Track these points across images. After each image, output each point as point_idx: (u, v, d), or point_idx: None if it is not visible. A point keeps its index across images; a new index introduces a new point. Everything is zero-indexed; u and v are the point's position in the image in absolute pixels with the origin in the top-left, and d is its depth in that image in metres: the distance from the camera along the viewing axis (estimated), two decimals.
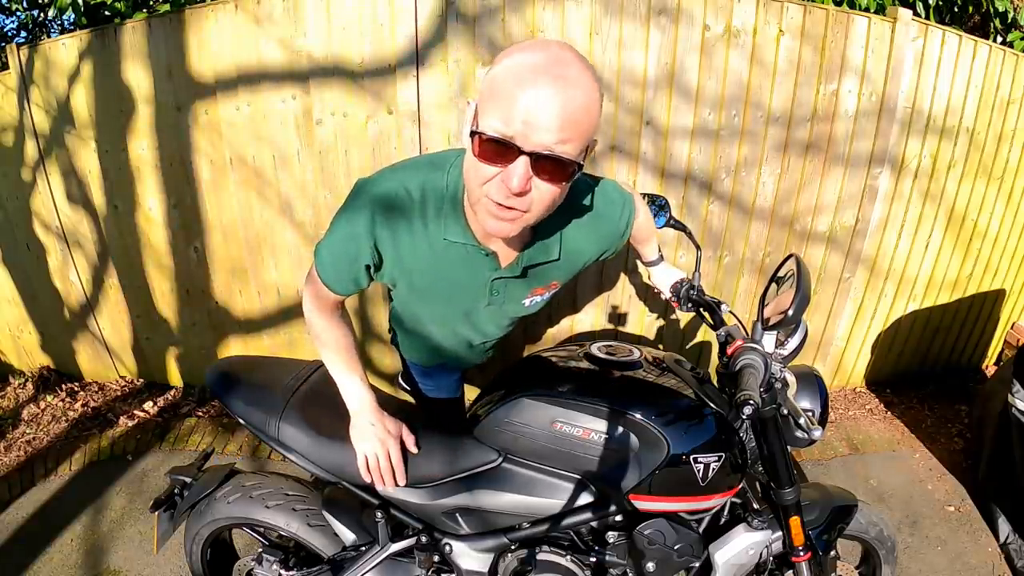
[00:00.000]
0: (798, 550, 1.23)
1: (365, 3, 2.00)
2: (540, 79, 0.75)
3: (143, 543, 1.99)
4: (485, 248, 1.00)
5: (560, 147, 0.78)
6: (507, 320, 1.28)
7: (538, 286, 1.14)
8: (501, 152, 0.78)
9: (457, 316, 1.22)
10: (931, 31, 2.28)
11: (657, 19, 2.06)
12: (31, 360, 3.04)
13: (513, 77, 0.76)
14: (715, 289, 2.49)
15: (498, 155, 0.79)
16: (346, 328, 1.18)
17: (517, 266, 1.05)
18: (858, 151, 2.37)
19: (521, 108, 0.75)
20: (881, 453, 2.52)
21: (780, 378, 1.12)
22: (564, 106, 0.75)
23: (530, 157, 0.78)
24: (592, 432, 1.14)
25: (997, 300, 2.98)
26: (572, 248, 1.10)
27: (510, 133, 0.77)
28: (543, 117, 0.75)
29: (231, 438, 2.51)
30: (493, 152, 0.78)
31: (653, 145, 2.21)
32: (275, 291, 2.47)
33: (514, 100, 0.75)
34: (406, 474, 1.16)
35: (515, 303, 1.17)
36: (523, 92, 0.75)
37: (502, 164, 0.79)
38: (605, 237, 1.14)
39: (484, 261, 1.03)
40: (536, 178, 0.80)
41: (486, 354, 1.47)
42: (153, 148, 2.30)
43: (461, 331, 1.28)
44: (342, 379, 1.17)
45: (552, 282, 1.16)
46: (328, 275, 1.09)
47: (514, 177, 0.78)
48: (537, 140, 0.77)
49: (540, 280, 1.13)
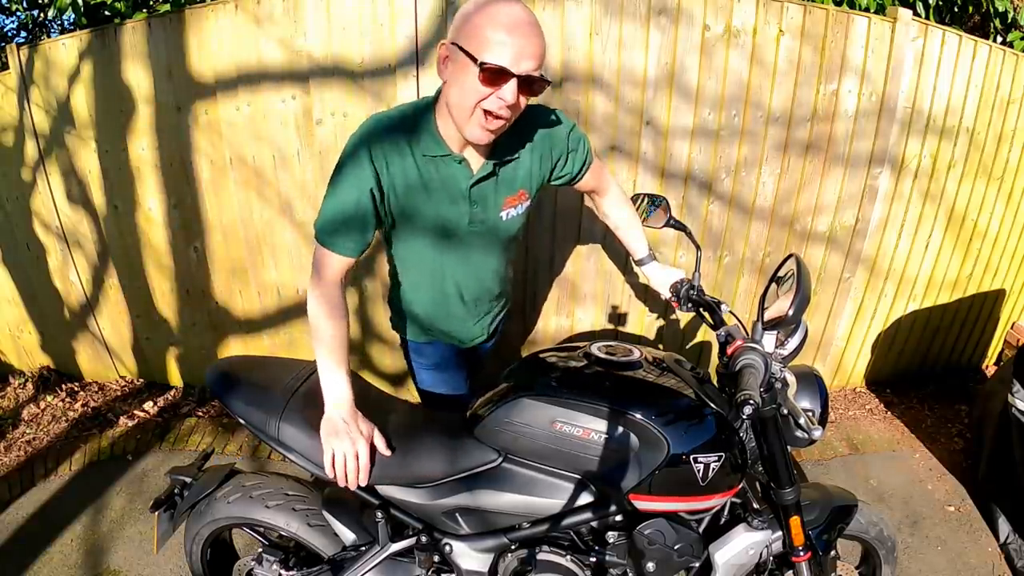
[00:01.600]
0: (798, 550, 1.24)
1: (365, 3, 2.00)
2: (522, 26, 1.05)
3: (143, 543, 1.99)
4: (459, 156, 1.21)
5: (536, 71, 1.09)
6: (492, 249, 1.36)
7: (508, 195, 1.30)
8: (498, 77, 1.06)
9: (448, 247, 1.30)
10: (931, 31, 2.28)
11: (657, 19, 2.06)
12: (31, 360, 3.04)
13: (501, 24, 1.04)
14: (715, 289, 2.49)
15: (495, 80, 1.06)
16: (344, 328, 1.20)
17: (488, 164, 1.24)
18: (858, 151, 2.38)
19: (512, 45, 1.04)
20: (881, 453, 2.52)
21: (780, 378, 1.12)
22: (537, 41, 1.07)
23: (519, 79, 1.07)
24: (592, 432, 1.14)
25: (997, 300, 2.98)
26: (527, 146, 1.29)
27: (506, 63, 1.05)
28: (527, 52, 1.06)
29: (231, 438, 2.51)
30: (493, 77, 1.06)
31: (653, 145, 2.21)
32: (275, 291, 2.47)
33: (503, 39, 1.04)
34: (370, 475, 1.17)
35: (493, 217, 1.30)
36: (511, 35, 1.04)
37: (496, 86, 1.07)
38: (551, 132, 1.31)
39: (458, 169, 1.22)
40: (520, 95, 1.10)
41: (480, 321, 1.48)
42: (153, 148, 2.30)
43: (452, 272, 1.35)
44: (328, 373, 1.18)
45: (520, 190, 1.31)
46: (334, 232, 1.17)
47: (509, 93, 1.07)
48: (523, 67, 1.06)
49: (509, 187, 1.29)
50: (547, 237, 2.30)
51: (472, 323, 1.47)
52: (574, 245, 2.33)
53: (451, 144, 1.20)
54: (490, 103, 1.08)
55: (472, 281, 1.38)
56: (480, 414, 1.23)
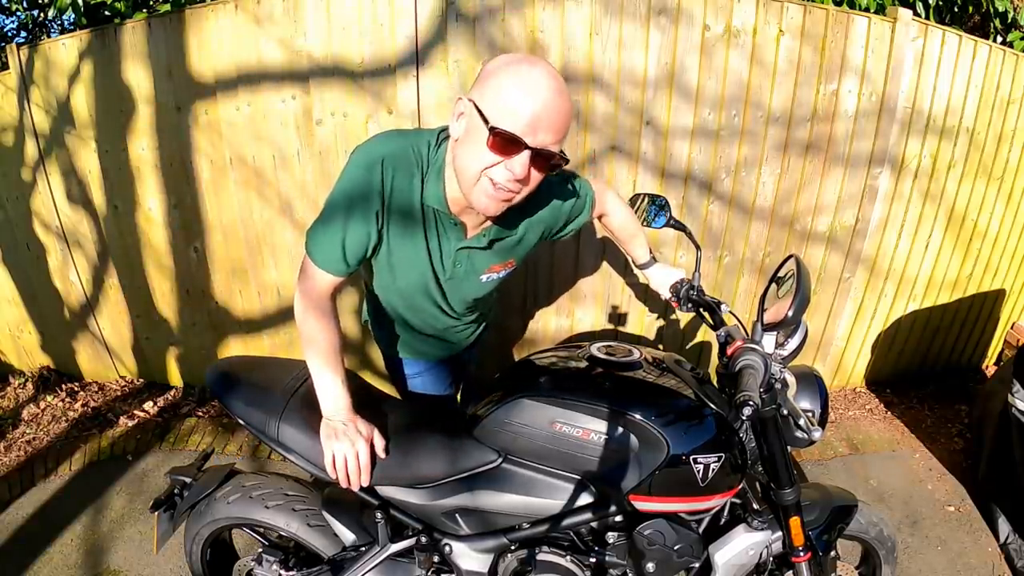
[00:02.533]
0: (798, 550, 1.24)
1: (365, 3, 2.00)
2: (546, 94, 0.95)
3: (143, 543, 1.99)
4: (455, 218, 1.15)
5: (553, 145, 0.99)
6: (464, 299, 1.32)
7: (496, 263, 1.25)
8: (509, 146, 0.97)
9: (422, 291, 1.27)
10: (931, 31, 2.28)
11: (657, 19, 2.06)
12: (31, 360, 3.04)
13: (521, 86, 0.95)
14: (715, 289, 2.49)
15: (506, 148, 0.97)
16: (335, 330, 1.18)
17: (484, 238, 1.19)
18: (858, 151, 2.37)
19: (530, 113, 0.95)
20: (881, 453, 2.52)
21: (780, 378, 1.12)
22: (560, 114, 0.98)
23: (532, 151, 0.97)
24: (592, 432, 1.14)
25: (997, 300, 2.98)
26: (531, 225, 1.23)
27: (519, 132, 0.95)
28: (545, 122, 0.96)
29: (231, 438, 2.51)
30: (503, 145, 0.97)
31: (653, 145, 2.21)
32: (275, 291, 2.47)
33: (524, 106, 0.95)
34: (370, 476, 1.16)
35: (473, 278, 1.26)
36: (532, 100, 0.95)
37: (507, 155, 0.98)
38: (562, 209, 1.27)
39: (453, 230, 1.17)
40: (532, 168, 1.00)
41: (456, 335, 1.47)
42: (153, 148, 2.30)
43: (424, 309, 1.32)
44: (323, 380, 1.16)
45: (509, 260, 1.27)
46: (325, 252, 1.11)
47: (518, 166, 0.98)
48: (540, 139, 0.97)
49: (500, 257, 1.25)
50: None
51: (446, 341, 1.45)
52: (574, 245, 2.33)
53: (451, 203, 1.12)
54: (497, 173, 0.99)
55: (441, 317, 1.36)
56: (480, 414, 1.23)
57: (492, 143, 0.97)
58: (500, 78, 0.97)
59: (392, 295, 1.31)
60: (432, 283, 1.25)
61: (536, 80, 0.95)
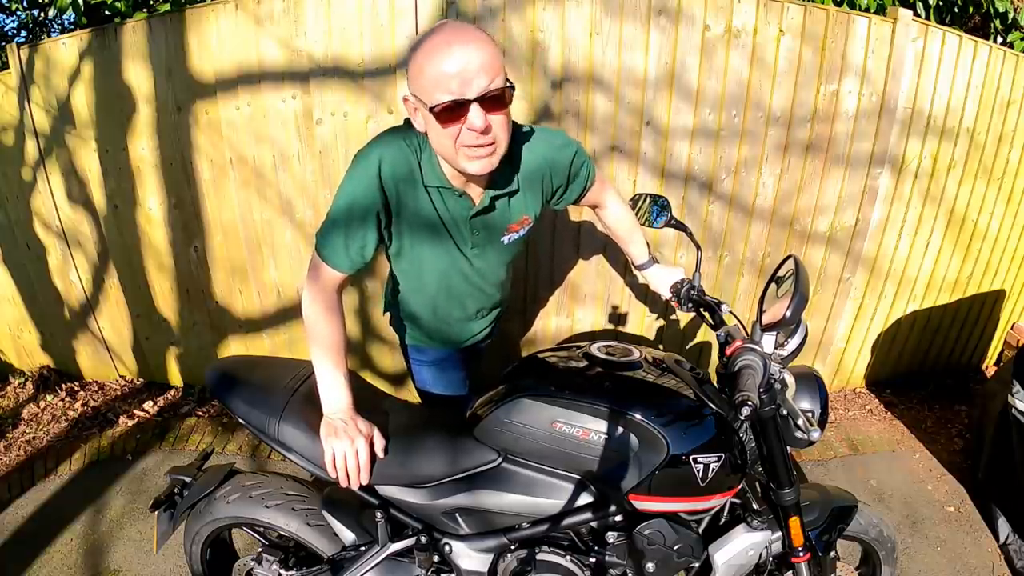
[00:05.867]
0: (798, 551, 1.24)
1: (365, 3, 2.00)
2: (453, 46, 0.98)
3: (143, 543, 1.99)
4: (459, 189, 1.19)
5: (492, 84, 1.01)
6: (495, 267, 1.35)
7: (511, 222, 1.28)
8: (456, 111, 1.01)
9: (452, 267, 1.30)
10: (931, 32, 2.28)
11: (657, 19, 2.06)
12: (31, 360, 3.04)
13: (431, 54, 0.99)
14: (715, 289, 2.49)
15: (455, 114, 1.01)
16: (341, 329, 1.20)
17: (486, 199, 1.22)
18: (858, 152, 2.37)
19: (452, 73, 0.98)
20: (881, 453, 2.52)
21: (779, 379, 1.12)
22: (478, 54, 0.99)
23: (477, 101, 1.00)
24: (592, 432, 1.14)
25: (997, 300, 2.98)
26: (525, 174, 1.25)
27: (454, 95, 0.99)
28: (470, 70, 0.98)
29: (231, 438, 2.51)
30: (450, 115, 1.01)
31: (653, 145, 2.21)
32: (275, 291, 2.47)
33: (443, 71, 0.98)
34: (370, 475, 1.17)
35: (495, 241, 1.29)
36: (445, 60, 0.98)
37: (460, 120, 1.02)
38: (553, 160, 1.27)
39: (459, 202, 1.21)
40: (489, 114, 1.03)
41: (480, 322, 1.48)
42: (153, 148, 2.30)
43: (454, 288, 1.35)
44: (327, 377, 1.17)
45: (524, 216, 1.29)
46: (333, 247, 1.15)
47: (476, 120, 1.01)
48: (476, 87, 0.99)
49: (512, 215, 1.27)
50: (547, 237, 2.30)
51: (472, 324, 1.48)
52: (574, 245, 2.33)
53: (451, 179, 1.18)
54: (464, 137, 1.04)
55: (474, 294, 1.38)
56: (480, 414, 1.23)
57: (441, 120, 1.02)
58: (415, 60, 1.02)
59: (425, 280, 1.33)
60: (461, 259, 1.29)
61: (439, 42, 0.99)
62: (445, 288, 1.35)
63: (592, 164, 1.36)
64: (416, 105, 1.07)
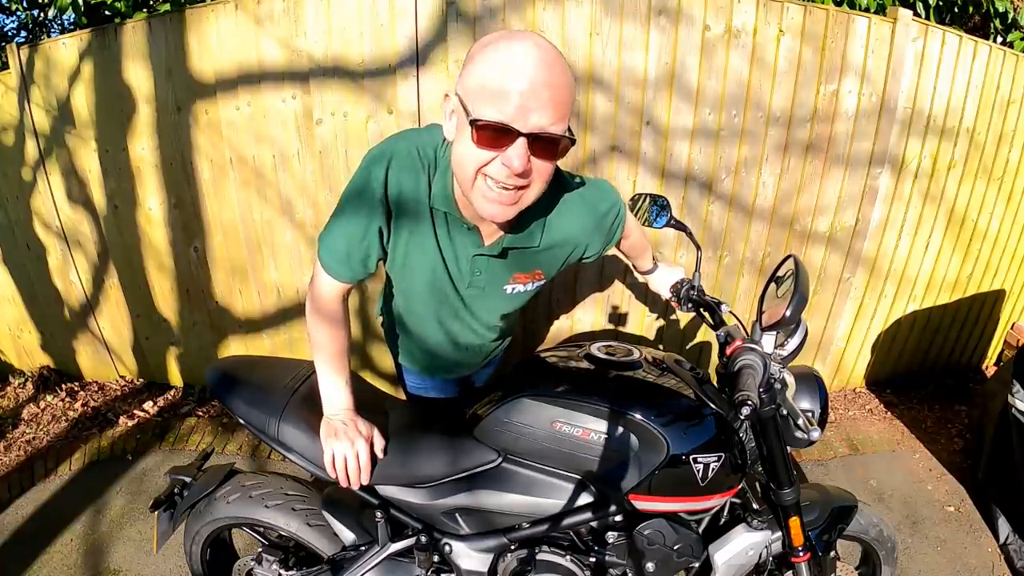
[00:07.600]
0: (798, 550, 1.23)
1: (365, 3, 2.00)
2: (531, 67, 0.81)
3: (143, 543, 1.99)
4: (468, 222, 1.04)
5: (553, 127, 0.85)
6: (491, 313, 1.26)
7: (520, 272, 1.15)
8: (499, 137, 0.84)
9: (443, 301, 1.20)
10: (931, 31, 2.28)
11: (657, 19, 2.06)
12: (31, 360, 3.04)
13: (502, 65, 0.82)
14: (715, 289, 2.49)
15: (496, 140, 0.84)
16: (343, 336, 1.17)
17: (497, 246, 1.08)
18: (858, 151, 2.37)
19: (515, 94, 0.82)
20: (881, 453, 2.52)
21: (779, 379, 1.12)
22: (554, 89, 0.83)
23: (527, 138, 0.84)
24: (592, 432, 1.14)
25: (997, 300, 2.98)
26: (555, 238, 1.12)
27: (507, 118, 0.83)
28: (537, 101, 0.82)
29: (231, 438, 2.51)
30: (491, 138, 0.84)
31: (653, 145, 2.21)
32: (275, 291, 2.47)
33: (508, 88, 0.82)
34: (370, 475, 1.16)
35: (496, 288, 1.17)
36: (515, 79, 0.81)
37: (499, 148, 0.85)
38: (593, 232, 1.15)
39: (467, 235, 1.07)
40: (533, 157, 0.87)
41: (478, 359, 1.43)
42: (153, 148, 2.30)
43: (449, 323, 1.26)
44: (328, 382, 1.16)
45: (536, 271, 1.16)
46: (335, 258, 1.07)
47: (515, 158, 0.84)
48: (534, 123, 0.83)
49: (522, 266, 1.14)
50: None
51: (463, 357, 1.39)
52: None
53: (462, 208, 1.02)
54: (493, 169, 0.87)
55: (467, 333, 1.30)
56: (480, 414, 1.23)
57: (477, 137, 0.85)
58: (478, 63, 0.85)
59: (413, 303, 1.25)
60: (450, 291, 1.17)
61: (518, 55, 0.82)
62: (436, 319, 1.25)
63: (621, 204, 1.19)
64: (456, 108, 0.89)
